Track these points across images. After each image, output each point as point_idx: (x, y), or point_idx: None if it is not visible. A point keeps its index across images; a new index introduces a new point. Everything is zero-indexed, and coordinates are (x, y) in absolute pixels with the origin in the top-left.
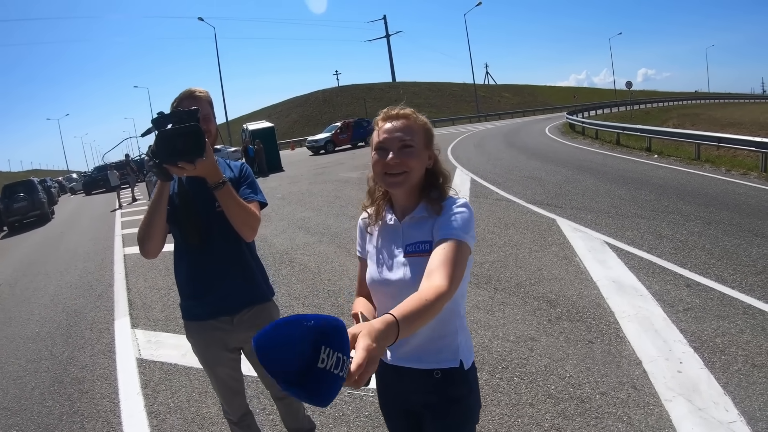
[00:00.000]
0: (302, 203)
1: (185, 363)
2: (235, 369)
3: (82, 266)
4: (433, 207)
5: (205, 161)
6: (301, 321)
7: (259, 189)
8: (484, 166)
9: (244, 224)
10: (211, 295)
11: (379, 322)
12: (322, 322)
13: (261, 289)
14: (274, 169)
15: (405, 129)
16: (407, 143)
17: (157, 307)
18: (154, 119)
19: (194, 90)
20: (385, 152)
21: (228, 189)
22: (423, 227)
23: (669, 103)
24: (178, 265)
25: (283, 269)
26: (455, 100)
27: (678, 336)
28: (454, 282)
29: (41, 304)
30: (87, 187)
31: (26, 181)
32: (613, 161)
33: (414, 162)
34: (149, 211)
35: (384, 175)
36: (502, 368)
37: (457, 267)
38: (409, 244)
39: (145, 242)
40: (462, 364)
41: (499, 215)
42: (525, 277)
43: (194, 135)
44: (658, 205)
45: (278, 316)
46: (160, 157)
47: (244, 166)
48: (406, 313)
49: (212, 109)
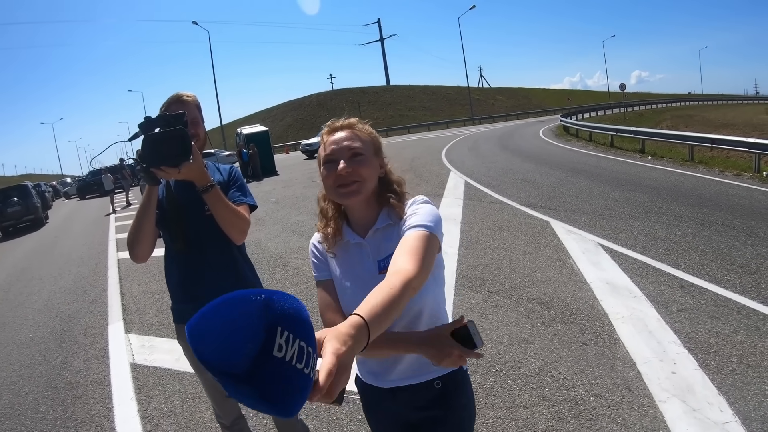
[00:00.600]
0: (296, 207)
1: (179, 368)
2: None
3: (75, 271)
4: (396, 211)
5: (192, 164)
6: (248, 296)
7: (249, 192)
8: (478, 168)
9: (234, 227)
10: (202, 299)
11: (345, 326)
12: (278, 298)
13: None
14: (268, 172)
15: (352, 138)
16: (356, 151)
17: (150, 311)
18: (141, 123)
19: (182, 94)
20: (334, 164)
21: (216, 192)
22: (390, 236)
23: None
24: (169, 269)
25: (277, 273)
26: (449, 103)
27: (672, 337)
28: (424, 268)
29: (35, 309)
30: (81, 191)
31: (20, 185)
32: (607, 163)
33: (366, 170)
34: (138, 216)
35: (336, 188)
36: (495, 371)
37: (426, 254)
38: (382, 259)
39: (135, 246)
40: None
41: (493, 218)
42: (519, 280)
43: (180, 139)
44: (651, 207)
45: None
46: (147, 161)
47: (233, 169)
48: (373, 310)
49: (201, 113)
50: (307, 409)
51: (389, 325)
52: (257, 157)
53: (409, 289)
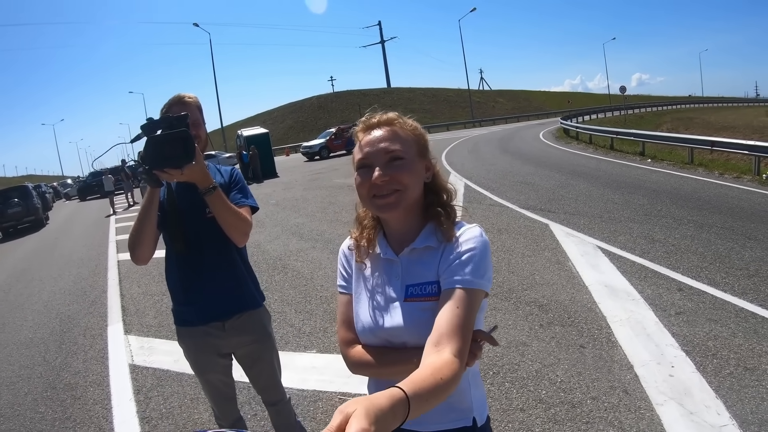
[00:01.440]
0: (296, 209)
1: (178, 369)
2: (226, 375)
3: (75, 272)
4: (442, 232)
5: (194, 166)
6: None
7: (250, 193)
8: (478, 171)
9: (236, 229)
10: (202, 301)
11: (383, 398)
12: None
13: (252, 295)
14: (268, 175)
15: (391, 138)
16: (396, 154)
17: (150, 313)
18: (143, 125)
19: (183, 96)
20: (369, 170)
21: (218, 194)
22: (428, 262)
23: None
24: (170, 271)
25: (276, 275)
26: (450, 105)
27: (670, 340)
28: (464, 357)
29: (35, 310)
30: (82, 192)
31: (21, 186)
32: (607, 166)
33: (407, 177)
34: (139, 217)
35: (372, 198)
36: (493, 374)
37: (469, 330)
38: (412, 284)
39: (136, 248)
40: (475, 422)
41: (492, 220)
42: (517, 282)
43: (183, 140)
44: (651, 210)
45: (269, 322)
46: (149, 162)
47: (234, 171)
48: (419, 390)
49: (202, 115)
50: (305, 410)
51: (428, 410)
52: (257, 159)
53: (456, 384)
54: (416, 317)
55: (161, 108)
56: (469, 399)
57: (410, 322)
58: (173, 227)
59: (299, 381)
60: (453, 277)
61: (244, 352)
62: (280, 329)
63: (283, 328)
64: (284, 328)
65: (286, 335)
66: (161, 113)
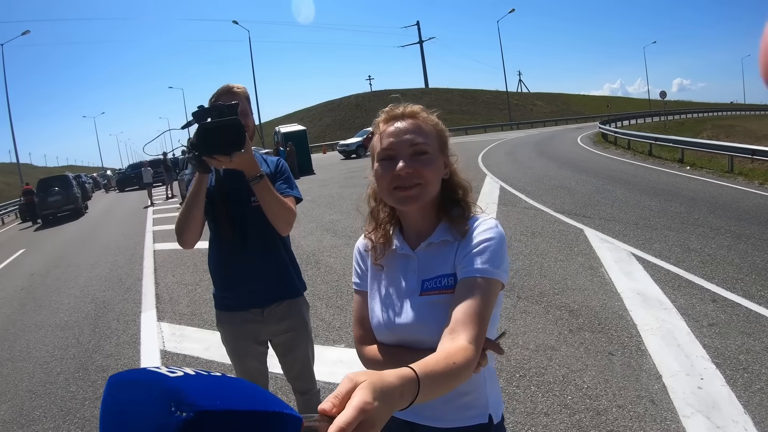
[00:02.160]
0: (331, 206)
1: (207, 356)
2: (261, 362)
3: (112, 260)
4: (457, 227)
5: (243, 154)
6: (155, 383)
7: (295, 184)
8: (514, 174)
9: (281, 218)
10: (243, 288)
11: (393, 375)
12: (207, 391)
13: (293, 284)
14: (305, 171)
15: (415, 131)
16: (420, 148)
17: (183, 301)
18: (194, 112)
19: (232, 86)
20: (392, 161)
21: (265, 183)
22: (444, 256)
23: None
24: (212, 256)
25: (309, 270)
26: (488, 107)
27: (701, 351)
28: (479, 344)
29: (71, 294)
30: (120, 184)
31: (61, 176)
32: (645, 172)
33: (430, 171)
34: (187, 203)
35: (393, 190)
36: (519, 376)
37: (485, 319)
38: (428, 279)
39: (183, 233)
40: (491, 419)
41: (526, 223)
42: (549, 287)
43: (234, 128)
44: (688, 218)
45: (307, 312)
46: (200, 149)
47: (280, 162)
48: (430, 372)
49: (250, 105)
50: None
51: (439, 395)
52: (294, 156)
53: (470, 370)
54: (431, 312)
55: (210, 97)
56: (485, 396)
57: (425, 317)
58: (221, 214)
59: (327, 374)
60: (469, 267)
61: (280, 340)
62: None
63: (314, 321)
64: (315, 321)
65: (317, 329)
66: (210, 102)
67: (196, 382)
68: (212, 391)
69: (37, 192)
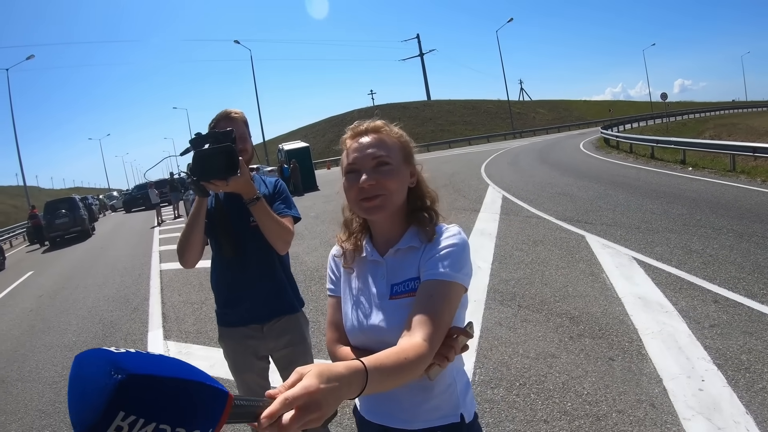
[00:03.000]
0: (335, 222)
1: (213, 373)
2: (262, 377)
3: (119, 280)
4: (424, 234)
5: (239, 178)
6: (107, 371)
7: (293, 204)
8: (516, 183)
9: (278, 238)
10: (243, 304)
11: (341, 366)
12: (142, 362)
13: (290, 300)
14: (309, 188)
15: (377, 144)
16: (382, 160)
17: (189, 320)
18: (191, 139)
19: (230, 111)
20: (357, 174)
21: (262, 204)
22: (410, 261)
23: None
24: (214, 274)
25: (313, 286)
26: (490, 117)
27: (702, 353)
28: (435, 343)
29: (79, 315)
30: (127, 205)
31: (68, 198)
32: (647, 175)
33: (392, 182)
34: (188, 224)
35: (359, 201)
36: (519, 385)
37: (443, 320)
38: (396, 283)
39: (184, 253)
40: (463, 418)
41: (528, 232)
42: (550, 294)
43: (228, 154)
44: (689, 219)
45: (306, 327)
46: (197, 174)
47: (278, 182)
48: (379, 365)
49: (248, 129)
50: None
51: (390, 388)
52: (298, 173)
53: (422, 366)
54: (401, 314)
55: (209, 123)
56: (455, 395)
57: (395, 319)
58: (221, 234)
59: None
60: (431, 270)
61: (280, 355)
62: (313, 337)
63: (317, 336)
64: (318, 336)
65: (319, 343)
66: (209, 127)
67: (134, 356)
68: (146, 363)
69: (45, 214)
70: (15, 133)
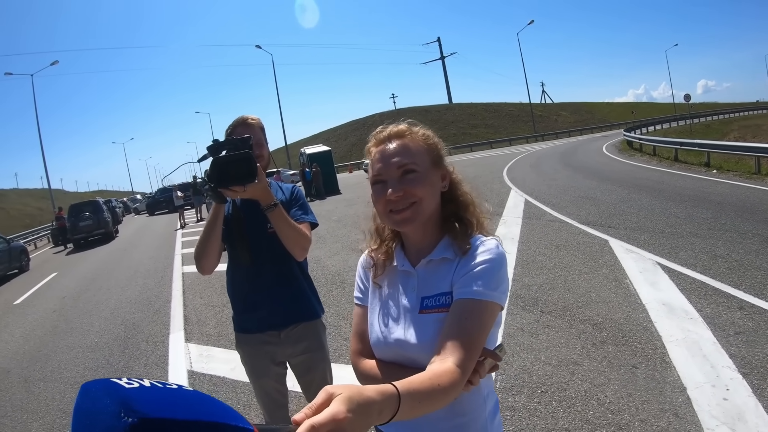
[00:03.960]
0: (357, 226)
1: (234, 377)
2: (280, 382)
3: (142, 282)
4: (458, 245)
5: (256, 185)
6: (112, 392)
7: (310, 210)
8: (539, 186)
9: (295, 244)
10: (260, 311)
11: (372, 390)
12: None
13: (309, 307)
14: (331, 191)
15: (402, 151)
16: (408, 168)
17: (210, 323)
18: (209, 146)
19: (246, 117)
20: (383, 185)
21: (279, 211)
22: (443, 273)
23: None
24: (231, 282)
25: (335, 290)
26: (512, 120)
27: (727, 361)
28: (468, 368)
29: (101, 316)
30: (150, 208)
31: (92, 201)
32: (671, 178)
33: (420, 189)
34: (205, 231)
35: (389, 214)
36: (541, 392)
37: (476, 343)
38: (427, 296)
39: (201, 259)
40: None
41: (551, 237)
42: (572, 300)
43: (246, 161)
44: (714, 223)
45: (324, 334)
46: (215, 181)
47: (295, 189)
48: (413, 390)
49: (264, 135)
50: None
51: (420, 414)
52: (320, 176)
53: (455, 393)
54: (429, 329)
55: (226, 129)
56: (483, 418)
57: (423, 334)
58: (239, 240)
59: None
60: (464, 288)
61: (297, 361)
62: (334, 342)
63: (338, 341)
64: (338, 341)
65: (340, 348)
66: (226, 134)
67: (148, 393)
68: (161, 402)
69: (69, 217)
70: (40, 137)
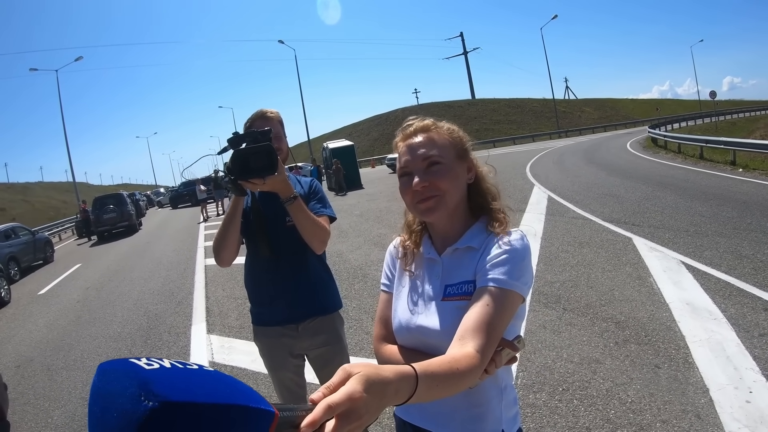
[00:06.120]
0: (379, 220)
1: (254, 368)
2: (298, 374)
3: (165, 274)
4: (484, 234)
5: (276, 177)
6: (131, 373)
7: (329, 203)
8: (562, 183)
9: (314, 237)
10: (278, 304)
11: (390, 370)
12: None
13: (327, 299)
14: (353, 186)
15: (427, 144)
16: (433, 159)
17: (232, 315)
18: (229, 139)
19: (266, 111)
20: (410, 177)
21: (299, 203)
22: (467, 262)
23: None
24: (249, 274)
25: (356, 284)
26: (535, 116)
27: (751, 363)
28: (487, 354)
29: (124, 307)
30: (173, 201)
31: (116, 194)
32: (696, 176)
33: (446, 181)
34: (224, 223)
35: (415, 204)
36: (562, 390)
37: (496, 330)
38: (450, 284)
39: (220, 252)
40: None
41: (574, 234)
42: (595, 298)
43: (267, 153)
44: (740, 223)
45: (342, 327)
46: (235, 173)
47: (313, 182)
48: (431, 373)
49: (283, 129)
50: None
51: (439, 397)
52: (341, 172)
53: (473, 378)
54: (451, 317)
55: (245, 122)
56: (499, 410)
57: (443, 321)
58: (258, 233)
59: None
60: (487, 276)
61: (315, 354)
62: (355, 335)
63: (359, 334)
64: (359, 334)
65: (361, 342)
66: (245, 127)
67: (168, 374)
68: (182, 384)
69: (93, 209)
70: (65, 132)
